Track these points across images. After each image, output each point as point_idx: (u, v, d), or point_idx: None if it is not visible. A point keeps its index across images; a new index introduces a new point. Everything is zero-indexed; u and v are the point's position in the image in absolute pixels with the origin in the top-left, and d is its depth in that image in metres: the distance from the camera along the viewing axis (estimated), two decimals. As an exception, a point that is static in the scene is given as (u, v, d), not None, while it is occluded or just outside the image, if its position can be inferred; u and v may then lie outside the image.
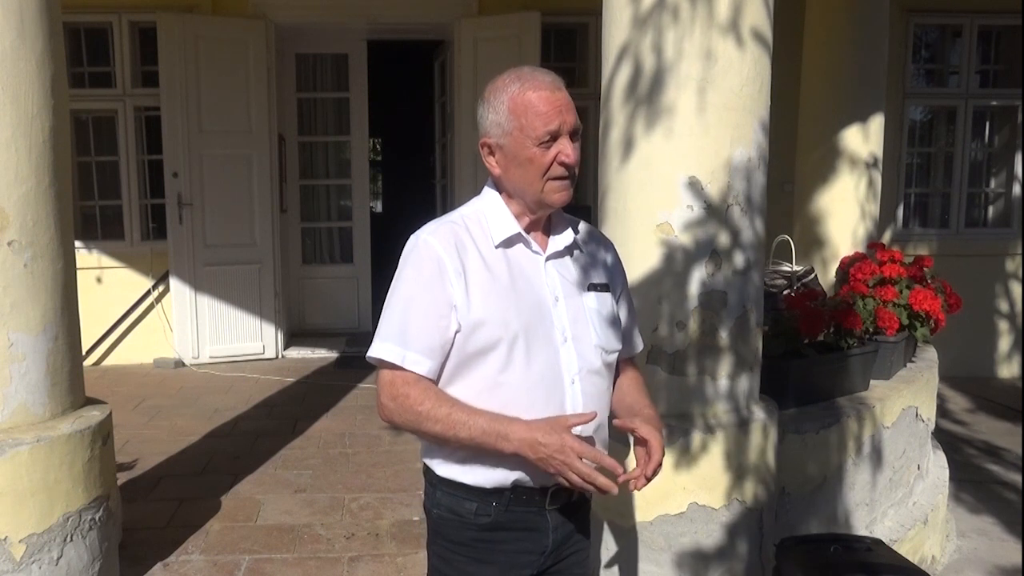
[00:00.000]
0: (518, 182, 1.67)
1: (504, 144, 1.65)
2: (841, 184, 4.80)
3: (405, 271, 1.66)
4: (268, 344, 6.65)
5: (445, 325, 1.61)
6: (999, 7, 7.07)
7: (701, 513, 2.65)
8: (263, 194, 6.56)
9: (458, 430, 1.58)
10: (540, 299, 1.68)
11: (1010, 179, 7.34)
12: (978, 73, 7.38)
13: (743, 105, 2.65)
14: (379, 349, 1.64)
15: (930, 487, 4.02)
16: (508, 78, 1.65)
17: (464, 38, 6.54)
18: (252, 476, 4.09)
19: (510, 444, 1.57)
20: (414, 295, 1.63)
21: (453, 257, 1.62)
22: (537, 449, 1.55)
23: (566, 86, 1.67)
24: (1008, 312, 7.39)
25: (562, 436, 1.54)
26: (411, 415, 1.61)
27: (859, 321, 3.57)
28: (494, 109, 1.65)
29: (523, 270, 1.69)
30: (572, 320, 1.69)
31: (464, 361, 1.63)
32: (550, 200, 1.66)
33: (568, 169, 1.64)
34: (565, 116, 1.62)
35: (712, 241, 2.66)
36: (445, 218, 1.72)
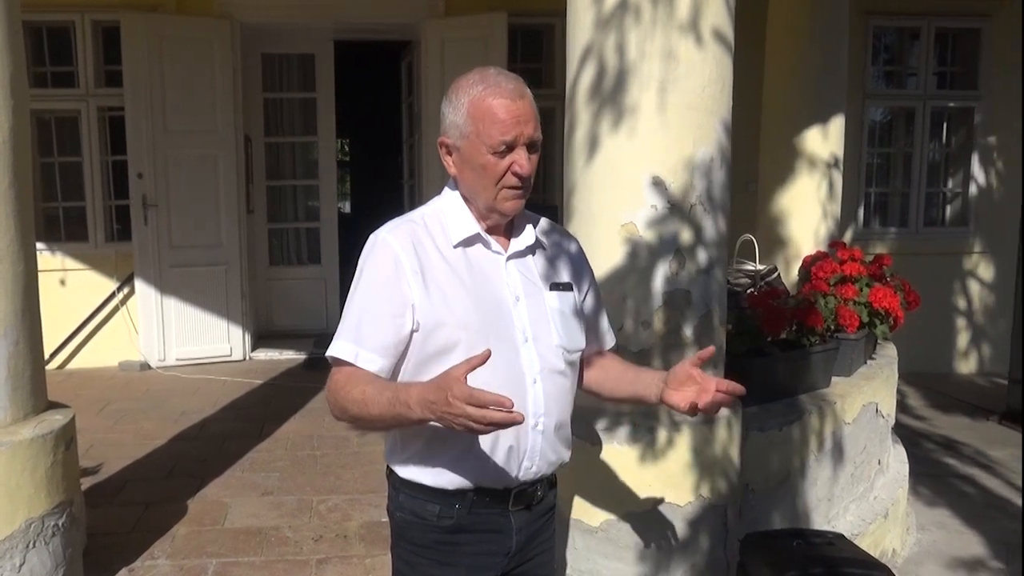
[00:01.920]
0: (471, 186, 1.66)
1: (460, 147, 1.64)
2: (803, 184, 4.86)
3: (364, 271, 1.65)
4: (235, 346, 6.61)
5: (400, 324, 1.60)
6: (955, 10, 7.22)
7: (667, 510, 2.66)
8: (229, 195, 6.51)
9: (370, 408, 1.53)
10: (500, 299, 1.67)
11: (967, 179, 7.49)
12: (935, 75, 7.52)
13: (705, 105, 2.67)
14: (334, 347, 1.63)
15: (890, 482, 4.07)
16: (472, 79, 1.63)
17: (431, 39, 6.55)
18: (219, 479, 4.07)
19: (413, 411, 1.47)
20: (370, 294, 1.62)
21: (411, 256, 1.61)
22: (432, 408, 1.43)
23: (532, 86, 1.66)
24: (966, 309, 7.54)
25: (446, 390, 1.39)
26: (339, 403, 1.60)
27: (820, 319, 3.61)
28: (454, 109, 1.63)
29: (483, 270, 1.68)
30: (533, 320, 1.68)
31: (424, 361, 1.61)
32: (501, 208, 1.65)
33: (521, 180, 1.63)
34: (523, 127, 1.60)
35: (676, 240, 2.68)
36: (405, 217, 1.71)
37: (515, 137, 1.59)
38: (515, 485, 1.68)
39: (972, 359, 7.60)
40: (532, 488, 1.72)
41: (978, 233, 7.48)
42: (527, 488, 1.71)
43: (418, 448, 1.66)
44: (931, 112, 7.46)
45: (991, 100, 7.31)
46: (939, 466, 5.05)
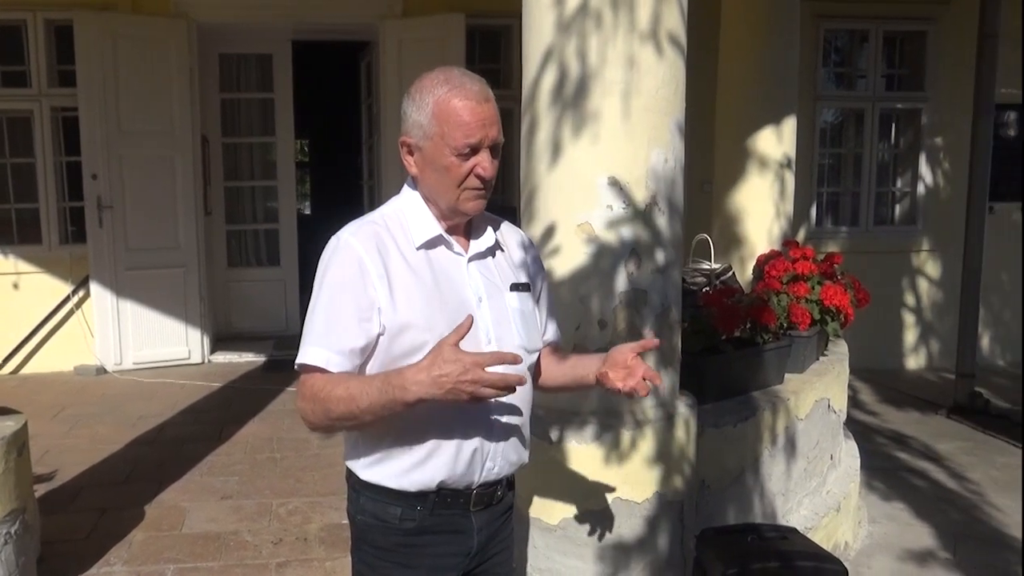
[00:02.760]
0: (433, 186, 1.65)
1: (423, 147, 1.63)
2: (757, 184, 4.93)
3: (327, 274, 1.62)
4: (194, 349, 6.55)
5: (368, 327, 1.58)
6: (902, 14, 7.38)
7: (624, 507, 2.69)
8: (186, 196, 6.45)
9: (359, 401, 1.51)
10: (463, 300, 1.66)
11: (915, 179, 7.65)
12: (884, 77, 7.68)
13: (659, 107, 2.71)
14: (303, 354, 1.60)
15: (842, 476, 4.13)
16: (436, 79, 1.62)
17: (389, 39, 6.54)
18: (177, 484, 4.04)
19: (410, 392, 1.47)
20: (336, 297, 1.60)
21: (375, 259, 1.60)
22: (441, 383, 1.45)
23: (491, 87, 1.65)
24: (914, 306, 7.71)
25: (458, 358, 1.44)
26: (320, 407, 1.56)
27: (773, 317, 3.66)
28: (418, 109, 1.62)
29: (446, 272, 1.67)
30: (495, 321, 1.69)
31: (389, 364, 1.60)
32: (463, 208, 1.65)
33: (484, 182, 1.63)
34: (488, 130, 1.60)
35: (633, 240, 2.71)
36: (366, 218, 1.70)
37: (480, 140, 1.59)
38: (477, 486, 1.69)
39: (921, 355, 7.77)
40: (492, 488, 1.73)
41: (926, 231, 7.65)
42: (488, 488, 1.71)
43: (381, 451, 1.65)
44: (880, 113, 7.61)
45: (937, 101, 7.48)
46: (890, 460, 5.16)
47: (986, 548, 3.91)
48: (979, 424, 5.83)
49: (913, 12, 7.38)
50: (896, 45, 7.73)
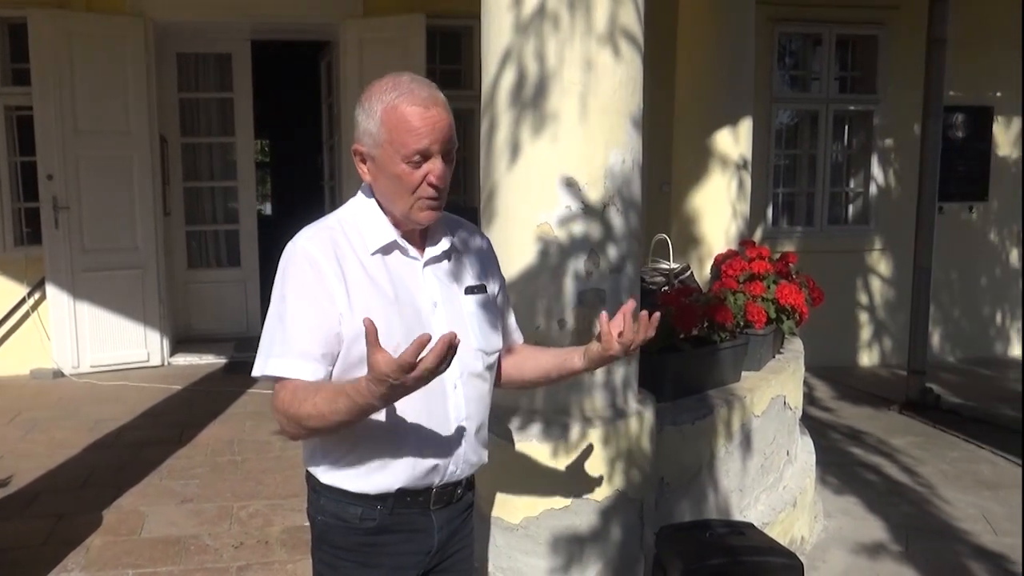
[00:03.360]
0: (387, 194, 1.64)
1: (375, 155, 1.61)
2: (714, 184, 4.98)
3: (285, 280, 1.60)
4: (153, 351, 6.48)
5: (333, 333, 1.57)
6: (854, 18, 7.52)
7: (584, 505, 2.71)
8: (144, 197, 6.38)
9: (329, 417, 1.48)
10: (419, 306, 1.66)
11: (867, 179, 7.79)
12: (837, 79, 7.80)
13: (617, 108, 2.74)
14: (273, 366, 1.57)
15: (798, 471, 4.17)
16: (385, 85, 1.60)
17: (349, 39, 6.53)
18: (136, 488, 4.00)
19: (376, 404, 1.44)
20: (299, 305, 1.58)
21: (333, 264, 1.59)
22: (387, 398, 1.42)
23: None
24: (867, 304, 7.85)
25: (385, 374, 1.36)
26: (293, 422, 1.54)
27: (730, 316, 3.69)
28: (368, 116, 1.60)
29: (401, 277, 1.66)
30: (452, 325, 1.66)
31: (347, 370, 1.59)
32: (417, 218, 1.64)
33: (437, 190, 1.61)
34: (438, 135, 1.57)
35: (590, 240, 2.74)
36: (321, 223, 1.68)
37: (429, 146, 1.57)
38: (437, 486, 1.70)
39: (874, 352, 7.91)
40: (452, 488, 1.74)
41: (878, 231, 7.79)
42: (447, 488, 1.72)
43: (342, 454, 1.65)
44: (833, 115, 7.74)
45: (888, 104, 7.63)
46: (844, 455, 5.24)
47: (937, 540, 4.00)
48: (930, 419, 5.96)
49: (864, 17, 7.52)
50: (849, 48, 7.87)
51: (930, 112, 6.18)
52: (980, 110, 7.83)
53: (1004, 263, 8.13)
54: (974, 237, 8.00)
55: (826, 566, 3.77)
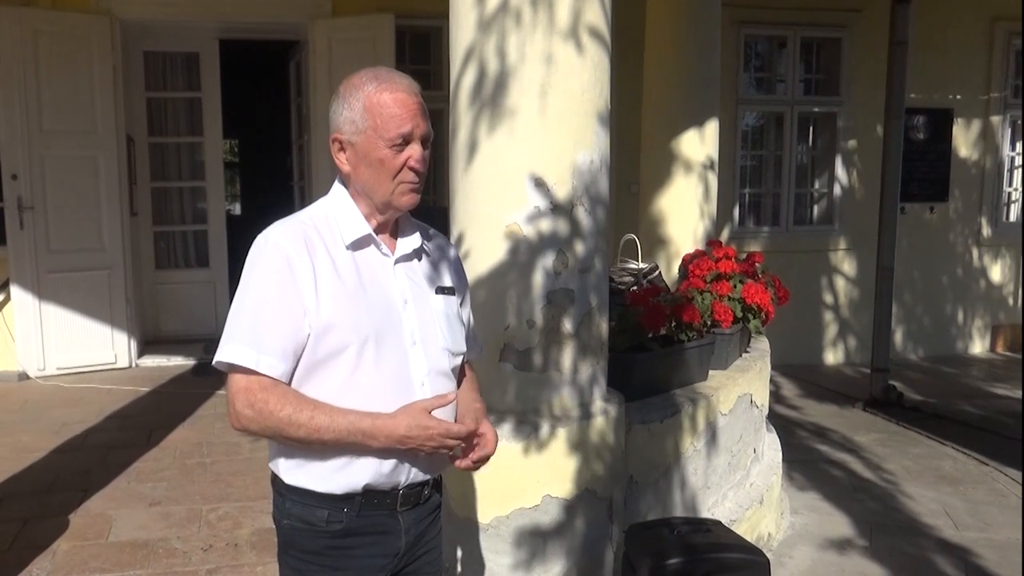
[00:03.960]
0: (367, 182, 1.67)
1: (356, 142, 1.64)
2: (681, 185, 5.03)
3: (255, 271, 1.61)
4: (120, 353, 6.41)
5: (299, 327, 1.58)
6: (818, 21, 7.63)
7: (554, 504, 2.73)
8: (111, 197, 6.31)
9: (322, 434, 1.56)
10: (390, 302, 1.68)
11: (831, 180, 7.91)
12: (802, 82, 7.91)
13: (584, 109, 2.76)
14: (230, 352, 1.57)
15: (765, 469, 4.21)
16: (365, 76, 1.65)
17: (318, 39, 6.50)
18: (104, 491, 3.96)
19: (378, 442, 1.59)
20: (266, 296, 1.59)
21: (303, 258, 1.60)
22: (405, 442, 1.60)
23: (421, 89, 1.69)
24: (832, 303, 7.96)
25: (427, 426, 1.60)
26: (272, 422, 1.56)
27: (697, 315, 3.71)
28: (348, 106, 1.64)
29: (373, 273, 1.68)
30: (421, 323, 1.71)
31: (314, 364, 1.61)
32: (398, 203, 1.67)
33: (417, 174, 1.66)
34: (418, 121, 1.64)
35: (558, 240, 2.76)
36: (293, 218, 1.70)
37: (412, 129, 1.63)
38: (403, 486, 1.70)
39: (839, 350, 8.03)
40: (419, 488, 1.74)
41: (842, 231, 7.91)
42: (414, 488, 1.72)
43: (306, 454, 1.64)
44: (798, 117, 7.85)
45: (851, 106, 7.75)
46: (810, 452, 5.32)
47: (901, 535, 4.07)
48: (893, 416, 6.06)
49: (828, 20, 7.64)
50: (813, 51, 7.98)
51: (892, 114, 6.29)
52: (940, 112, 7.98)
53: (965, 262, 8.30)
54: (935, 237, 8.16)
55: (793, 562, 3.81)
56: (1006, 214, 8.60)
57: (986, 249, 8.35)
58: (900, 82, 6.26)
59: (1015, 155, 8.59)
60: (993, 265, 8.39)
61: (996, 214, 8.38)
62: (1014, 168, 8.63)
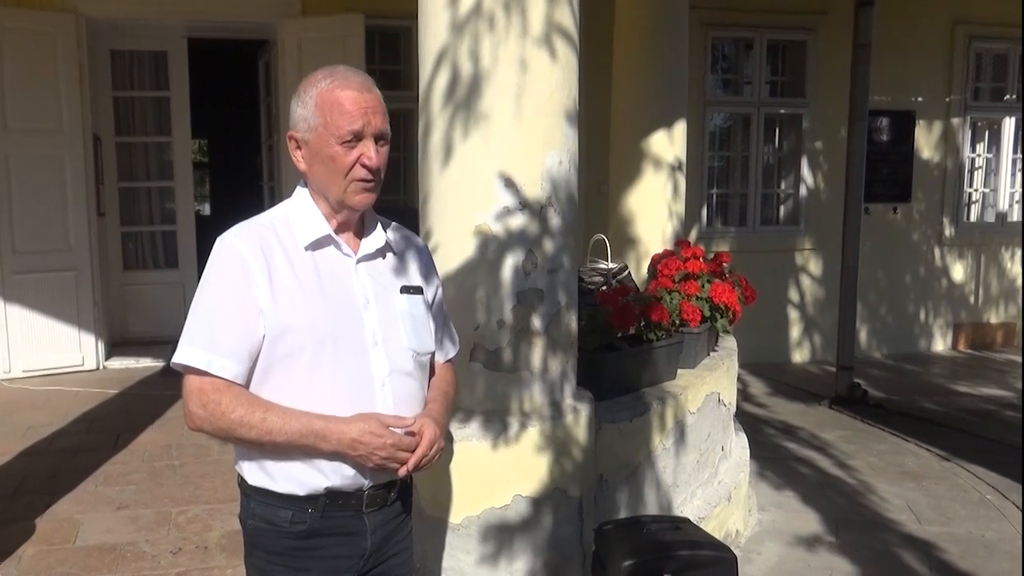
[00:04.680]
0: (321, 179, 1.67)
1: (309, 139, 1.65)
2: (650, 186, 5.06)
3: (211, 274, 1.63)
4: (88, 355, 6.35)
5: (253, 329, 1.60)
6: (784, 23, 7.73)
7: (524, 503, 2.74)
8: (78, 197, 6.24)
9: (274, 435, 1.58)
10: (350, 302, 1.68)
11: (797, 181, 8.00)
12: (768, 83, 8.01)
13: (553, 109, 2.78)
14: (184, 354, 1.60)
15: (733, 467, 4.24)
16: (320, 74, 1.65)
17: (288, 38, 6.49)
18: (71, 495, 3.91)
19: (329, 444, 1.59)
20: (220, 298, 1.61)
21: (259, 260, 1.61)
22: (356, 448, 1.59)
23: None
24: (798, 302, 8.07)
25: (380, 434, 1.60)
26: (224, 423, 1.58)
27: (666, 315, 3.73)
28: (303, 103, 1.65)
29: (333, 273, 1.68)
30: (382, 323, 1.70)
31: (272, 365, 1.62)
32: (351, 201, 1.67)
33: (371, 172, 1.65)
34: (371, 118, 1.63)
35: (528, 240, 2.77)
36: (252, 220, 1.71)
37: (363, 127, 1.62)
38: (368, 487, 1.69)
39: (805, 348, 8.13)
40: (385, 489, 1.73)
41: (808, 231, 8.01)
42: (379, 490, 1.72)
43: (268, 455, 1.65)
44: (765, 118, 7.95)
45: (816, 107, 7.85)
46: (778, 450, 5.38)
47: (867, 531, 4.13)
48: (858, 414, 6.16)
49: (794, 22, 7.74)
50: (779, 53, 8.07)
51: (856, 116, 6.38)
52: (903, 114, 8.12)
53: (927, 262, 8.45)
54: (898, 237, 8.30)
55: (760, 558, 3.85)
56: (967, 214, 8.77)
57: (948, 249, 8.50)
58: (863, 84, 6.35)
59: (975, 156, 8.76)
60: (955, 265, 8.55)
61: (957, 214, 8.53)
62: (974, 169, 8.81)
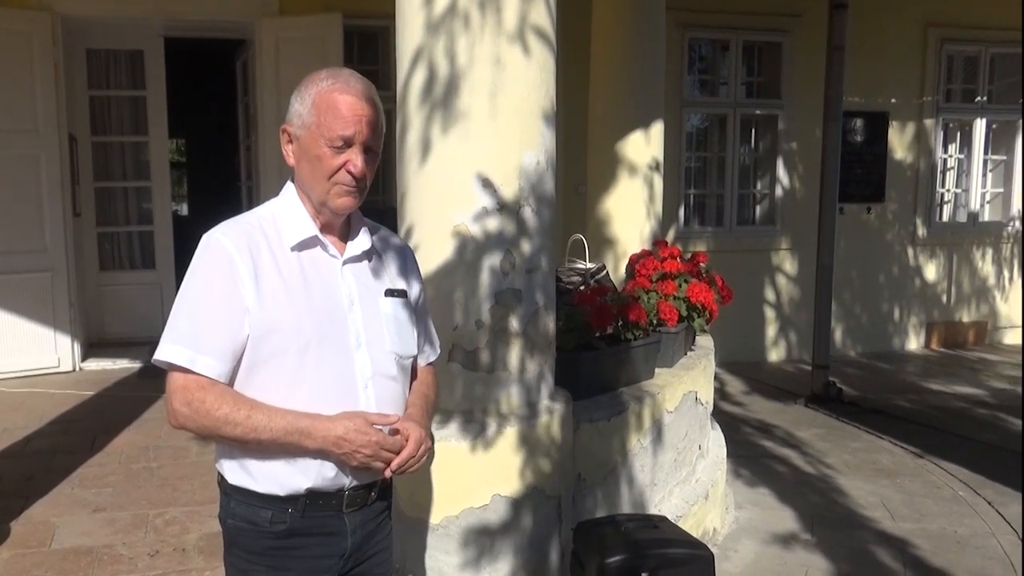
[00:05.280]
0: (306, 177, 1.68)
1: (300, 136, 1.65)
2: (628, 186, 5.08)
3: (196, 271, 1.63)
4: (64, 356, 6.29)
5: (238, 328, 1.59)
6: (760, 25, 7.79)
7: (503, 504, 2.75)
8: (53, 197, 6.18)
9: (259, 433, 1.58)
10: (335, 304, 1.68)
11: (773, 181, 8.07)
12: (744, 84, 8.07)
13: (530, 109, 2.79)
14: (167, 351, 1.59)
15: (710, 465, 4.26)
16: (324, 74, 1.66)
17: (265, 38, 6.45)
18: (46, 498, 3.88)
19: (314, 442, 1.59)
20: (205, 296, 1.60)
21: (246, 259, 1.61)
22: (341, 445, 1.59)
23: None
24: (774, 302, 8.13)
25: (365, 431, 1.61)
26: (208, 420, 1.58)
27: (643, 314, 3.76)
28: (301, 99, 1.65)
29: (319, 273, 1.68)
30: (367, 325, 1.71)
31: (256, 365, 1.62)
32: (332, 204, 1.67)
33: (355, 179, 1.65)
34: (363, 127, 1.62)
35: (506, 240, 2.78)
36: (239, 218, 1.71)
37: (353, 134, 1.62)
38: (349, 488, 1.69)
39: (781, 347, 8.20)
40: (366, 489, 1.74)
41: (784, 231, 8.08)
42: (359, 490, 1.72)
43: (249, 454, 1.65)
44: (741, 119, 8.00)
45: (791, 108, 7.92)
46: (754, 448, 5.43)
47: (842, 528, 4.18)
48: (833, 412, 6.22)
49: (769, 24, 7.80)
50: (755, 54, 8.13)
51: (830, 117, 6.44)
52: (877, 115, 8.21)
53: (901, 261, 8.55)
54: (872, 237, 8.39)
55: (737, 556, 3.89)
56: (939, 214, 8.88)
57: (921, 248, 8.61)
58: (838, 86, 6.42)
59: (947, 157, 8.88)
60: (928, 264, 8.66)
61: (930, 214, 8.63)
62: (946, 170, 8.93)
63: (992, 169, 9.03)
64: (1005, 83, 8.79)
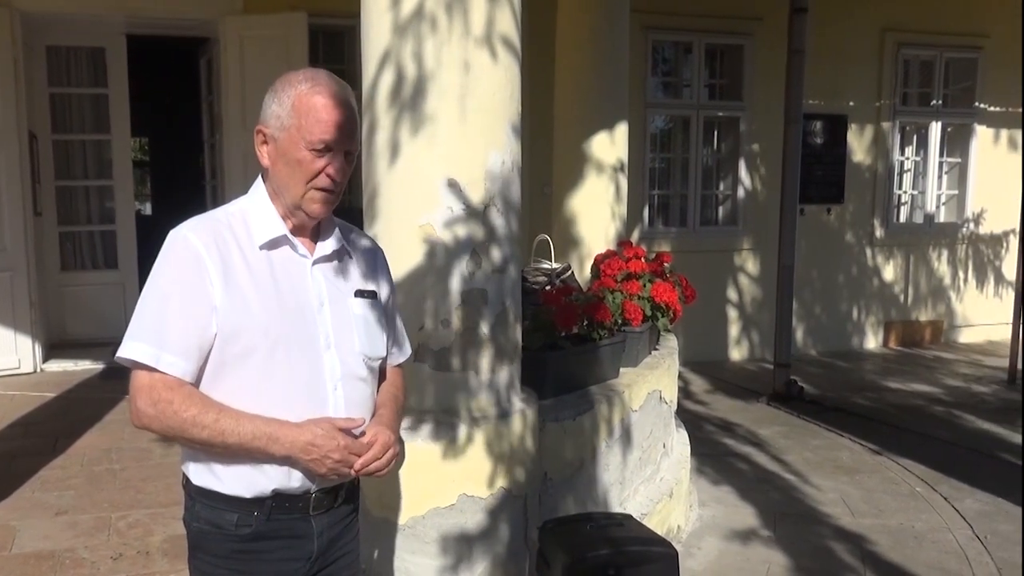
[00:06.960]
0: (282, 180, 1.65)
1: (279, 138, 1.63)
2: (593, 187, 5.13)
3: (163, 267, 1.60)
4: (24, 358, 6.18)
5: (204, 325, 1.57)
6: (722, 28, 7.88)
7: (469, 503, 2.76)
8: (13, 196, 6.07)
9: (226, 436, 1.56)
10: (304, 304, 1.67)
11: (735, 183, 8.17)
12: (706, 87, 8.14)
13: (496, 110, 2.81)
14: (131, 349, 1.56)
15: (674, 463, 4.30)
16: (303, 75, 1.64)
17: (230, 37, 6.39)
18: (6, 501, 3.82)
19: (281, 447, 1.57)
20: (172, 293, 1.58)
21: (214, 256, 1.59)
22: (309, 451, 1.58)
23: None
24: (737, 301, 8.23)
25: (333, 436, 1.60)
26: (175, 422, 1.56)
27: (608, 314, 3.79)
28: (279, 101, 1.62)
29: (287, 273, 1.67)
30: (336, 326, 1.69)
31: (223, 364, 1.60)
32: (308, 208, 1.65)
33: (333, 184, 1.64)
34: (345, 132, 1.62)
35: (472, 241, 2.80)
36: (208, 215, 1.68)
37: (334, 139, 1.60)
38: (316, 490, 1.68)
39: (744, 346, 8.30)
40: (333, 492, 1.73)
41: (746, 231, 8.18)
42: (327, 493, 1.71)
43: (215, 457, 1.63)
44: (704, 121, 8.09)
45: (753, 111, 8.02)
46: (718, 446, 5.50)
47: (803, 524, 4.25)
48: (795, 410, 6.32)
49: (731, 27, 7.90)
50: (717, 57, 8.21)
51: (791, 119, 6.54)
52: (836, 118, 8.35)
53: (859, 262, 8.70)
54: (832, 237, 8.52)
55: (701, 553, 3.94)
56: (896, 216, 9.06)
57: (879, 249, 8.76)
58: (798, 89, 6.52)
59: (904, 160, 9.05)
60: (885, 265, 8.82)
61: (887, 216, 8.80)
62: (903, 172, 9.09)
63: (947, 171, 9.22)
64: (959, 87, 8.99)
